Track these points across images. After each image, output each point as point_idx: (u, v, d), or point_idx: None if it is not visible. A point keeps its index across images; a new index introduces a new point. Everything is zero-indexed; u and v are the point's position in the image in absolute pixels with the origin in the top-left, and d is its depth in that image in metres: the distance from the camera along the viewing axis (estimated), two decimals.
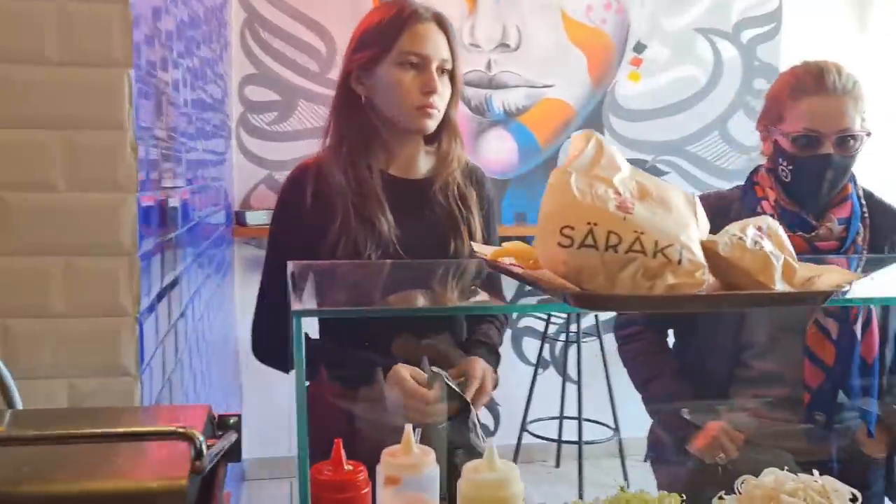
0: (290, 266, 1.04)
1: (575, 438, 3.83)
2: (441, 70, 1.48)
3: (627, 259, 0.76)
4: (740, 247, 0.82)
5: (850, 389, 1.55)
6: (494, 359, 1.56)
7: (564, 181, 0.81)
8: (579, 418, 3.79)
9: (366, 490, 0.97)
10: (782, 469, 1.27)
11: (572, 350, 3.96)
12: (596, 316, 3.89)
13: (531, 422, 3.96)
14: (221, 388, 2.63)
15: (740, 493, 1.26)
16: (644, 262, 0.75)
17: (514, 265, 0.86)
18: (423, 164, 1.57)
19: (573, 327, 3.91)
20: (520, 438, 3.87)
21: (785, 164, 1.61)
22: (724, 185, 4.29)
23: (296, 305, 0.71)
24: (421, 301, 0.92)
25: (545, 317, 3.96)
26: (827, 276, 0.83)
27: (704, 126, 4.23)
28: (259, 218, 3.61)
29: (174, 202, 1.55)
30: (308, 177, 1.50)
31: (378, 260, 1.40)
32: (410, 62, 1.46)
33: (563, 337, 4.00)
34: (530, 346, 4.07)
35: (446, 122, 1.54)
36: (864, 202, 1.68)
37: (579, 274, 0.77)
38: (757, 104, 4.28)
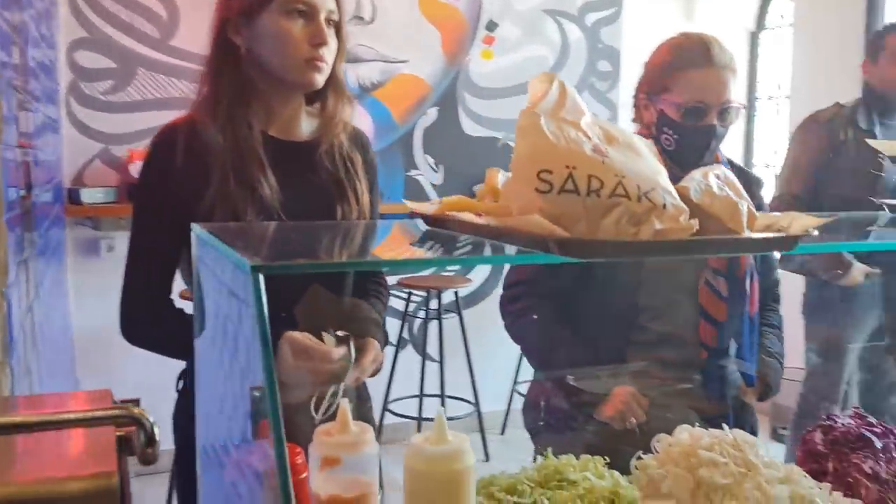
0: (196, 228, 0.91)
1: (432, 416, 3.83)
2: (328, 22, 1.38)
3: (611, 204, 0.71)
4: (709, 193, 0.80)
5: (740, 343, 1.63)
6: (383, 338, 1.49)
7: (535, 123, 0.75)
8: (442, 395, 3.79)
9: (305, 474, 0.87)
10: (693, 425, 1.30)
11: (431, 327, 3.95)
12: (456, 292, 3.90)
13: (392, 401, 3.91)
14: (64, 381, 2.37)
15: (657, 451, 1.27)
16: (629, 207, 0.71)
17: (476, 216, 0.79)
18: (306, 125, 1.46)
19: (433, 304, 3.90)
20: (381, 418, 3.81)
21: (670, 132, 1.64)
22: None
23: (253, 260, 0.60)
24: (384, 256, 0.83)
25: (405, 295, 3.91)
26: (784, 220, 0.83)
27: None
28: (95, 196, 3.30)
29: (29, 165, 1.34)
30: (178, 137, 1.35)
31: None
32: (298, 10, 1.34)
33: (422, 314, 3.98)
34: (389, 325, 4.00)
35: (333, 80, 1.43)
36: (730, 168, 1.76)
37: (557, 221, 0.71)
38: (601, 85, 4.44)
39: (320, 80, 1.38)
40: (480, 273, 4.24)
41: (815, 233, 0.77)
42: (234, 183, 1.32)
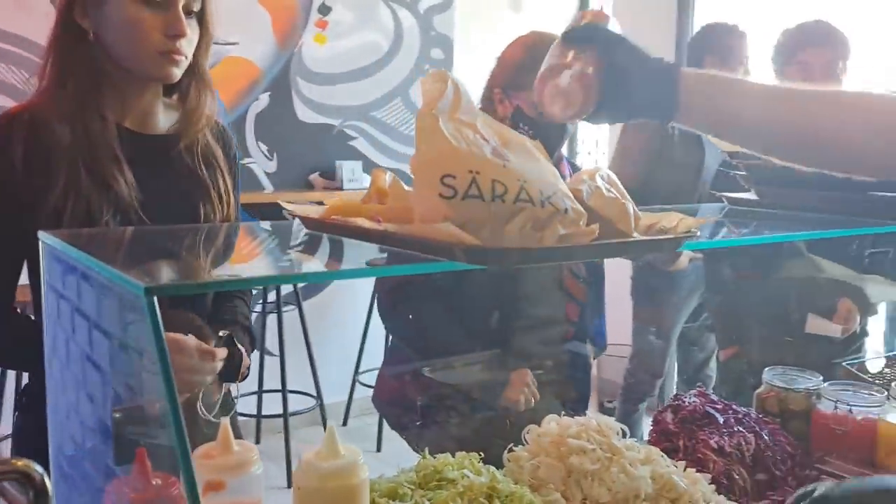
0: (46, 238, 0.81)
1: (272, 412, 3.74)
2: (188, 11, 1.27)
3: (516, 209, 0.70)
4: (599, 195, 0.81)
5: (600, 318, 1.78)
6: (250, 342, 1.42)
7: (434, 125, 0.72)
8: (283, 390, 3.68)
9: None
10: (557, 412, 1.34)
11: (269, 321, 3.83)
12: (294, 284, 3.80)
13: None
14: None
15: (527, 442, 1.29)
16: (533, 213, 0.70)
17: (375, 222, 0.76)
18: (163, 118, 1.36)
19: (271, 297, 3.78)
20: None
21: (526, 128, 1.70)
22: (411, 152, 4.45)
23: (143, 281, 0.53)
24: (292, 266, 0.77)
25: None
26: (666, 220, 0.86)
27: (388, 92, 4.31)
28: None
29: None
30: (16, 129, 1.21)
31: (121, 227, 1.17)
32: None
33: (259, 308, 3.85)
34: None
35: (195, 73, 1.33)
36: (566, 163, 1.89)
37: (463, 227, 0.69)
38: None
39: (177, 73, 1.27)
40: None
41: (699, 232, 0.81)
42: (86, 180, 1.20)
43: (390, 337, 2.00)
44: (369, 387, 4.05)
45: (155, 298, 0.53)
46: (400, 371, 1.83)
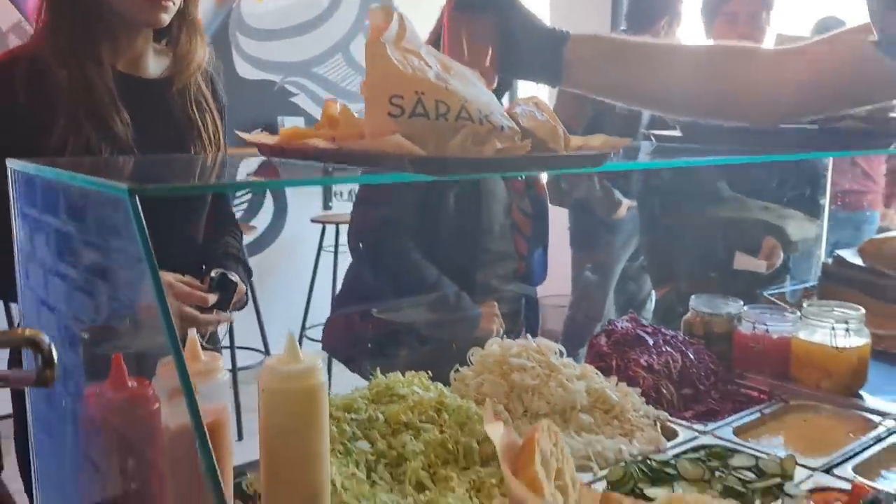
0: (19, 164, 0.86)
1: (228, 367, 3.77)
2: None
3: (458, 126, 0.78)
4: (533, 118, 0.89)
5: (543, 251, 1.90)
6: (245, 270, 1.50)
7: (382, 52, 0.79)
8: (231, 346, 3.73)
9: (157, 405, 0.87)
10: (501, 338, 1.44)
11: None
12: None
13: None
14: None
15: (472, 363, 1.39)
16: (473, 129, 0.78)
17: (329, 142, 0.83)
18: (154, 63, 1.42)
19: None
20: None
21: None
22: (353, 107, 4.48)
23: (129, 184, 0.59)
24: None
25: None
26: (593, 140, 0.95)
27: (329, 48, 4.32)
28: None
29: None
30: (19, 69, 1.27)
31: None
32: None
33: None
34: None
35: (185, 19, 1.40)
36: None
37: (409, 142, 0.77)
38: None
39: (165, 18, 1.33)
40: (262, 219, 4.19)
41: (620, 151, 0.90)
42: (85, 121, 1.26)
43: (342, 280, 2.09)
44: (317, 341, 4.12)
45: (137, 199, 0.59)
46: (352, 311, 1.91)
